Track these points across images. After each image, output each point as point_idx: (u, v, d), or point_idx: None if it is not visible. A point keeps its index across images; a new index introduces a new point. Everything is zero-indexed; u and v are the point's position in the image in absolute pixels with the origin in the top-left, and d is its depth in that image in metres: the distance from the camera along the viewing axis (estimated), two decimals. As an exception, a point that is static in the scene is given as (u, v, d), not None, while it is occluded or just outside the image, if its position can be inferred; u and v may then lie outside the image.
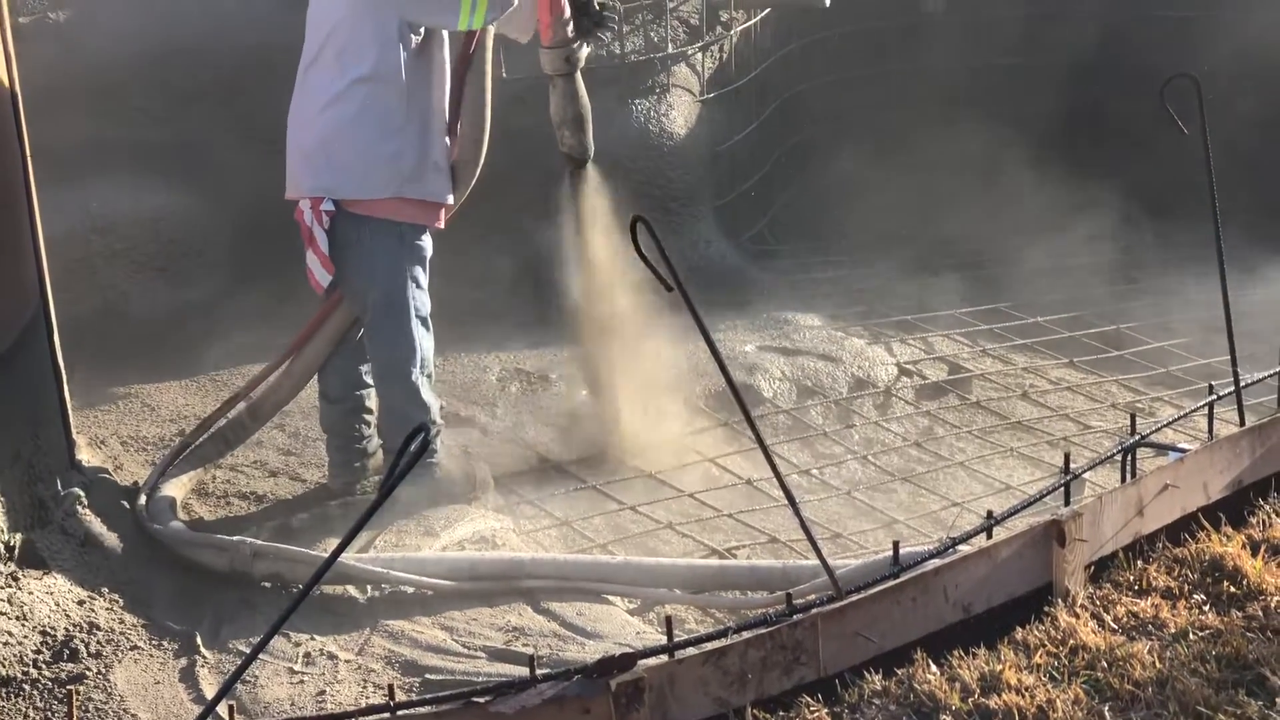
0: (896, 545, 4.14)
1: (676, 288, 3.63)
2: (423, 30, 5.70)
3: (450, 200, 5.91)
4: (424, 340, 5.93)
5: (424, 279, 5.92)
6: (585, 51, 6.27)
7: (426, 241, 5.92)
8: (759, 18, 9.12)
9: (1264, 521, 4.36)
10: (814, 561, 4.20)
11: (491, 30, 5.92)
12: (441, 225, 5.96)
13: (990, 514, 4.16)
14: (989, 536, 4.10)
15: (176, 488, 5.78)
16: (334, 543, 5.23)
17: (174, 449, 5.98)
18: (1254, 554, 4.21)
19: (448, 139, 5.89)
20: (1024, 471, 6.92)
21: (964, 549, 4.07)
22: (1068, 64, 10.30)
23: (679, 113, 8.41)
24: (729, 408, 6.90)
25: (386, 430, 6.02)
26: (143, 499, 5.62)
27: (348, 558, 5.20)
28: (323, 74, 5.69)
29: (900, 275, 8.96)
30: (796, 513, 3.90)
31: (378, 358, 5.97)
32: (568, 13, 6.15)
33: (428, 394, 5.97)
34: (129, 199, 7.17)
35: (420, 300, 5.90)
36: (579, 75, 6.30)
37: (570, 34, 6.17)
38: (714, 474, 6.72)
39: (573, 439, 6.76)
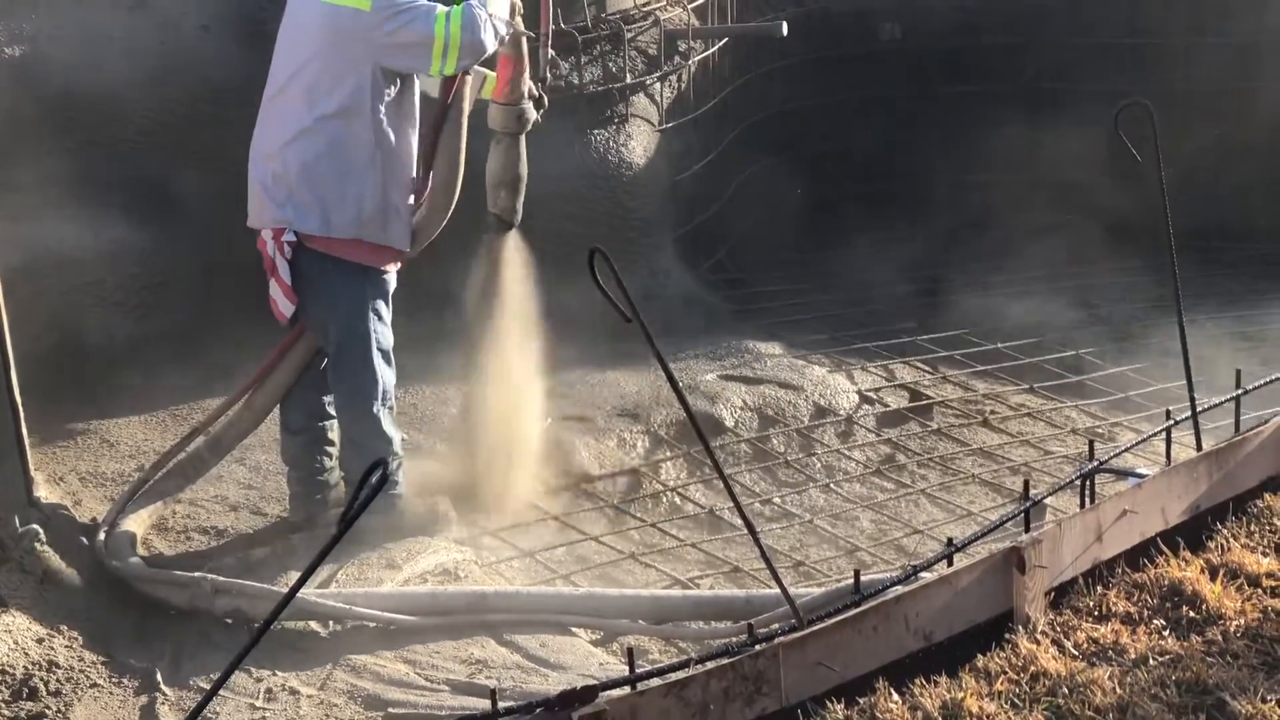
0: (858, 573, 4.14)
1: (635, 319, 3.63)
2: (398, 79, 5.69)
3: (408, 249, 5.90)
4: (386, 373, 5.92)
5: (386, 313, 5.91)
6: (533, 115, 6.27)
7: (390, 275, 5.92)
8: (717, 47, 9.15)
9: (1222, 546, 4.38)
10: (777, 590, 4.20)
11: (470, 81, 5.92)
12: (393, 271, 5.94)
13: (950, 541, 4.17)
14: (950, 564, 4.11)
15: (136, 523, 5.74)
16: (296, 577, 5.22)
17: (133, 484, 5.94)
18: (1212, 578, 4.23)
19: (415, 187, 5.87)
20: (986, 498, 6.95)
21: (925, 576, 4.08)
22: (1024, 90, 10.38)
23: (638, 142, 8.42)
24: (691, 437, 6.90)
25: (348, 462, 6.01)
26: (102, 535, 5.59)
27: (308, 592, 5.18)
28: (288, 107, 5.68)
29: (861, 302, 8.99)
30: (756, 541, 3.90)
31: (340, 389, 5.95)
32: (526, 76, 6.17)
33: (389, 426, 5.96)
34: (87, 233, 7.12)
35: (382, 333, 5.90)
36: (523, 140, 6.28)
37: (525, 93, 6.18)
38: (677, 503, 6.73)
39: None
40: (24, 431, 5.46)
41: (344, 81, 5.60)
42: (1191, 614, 4.14)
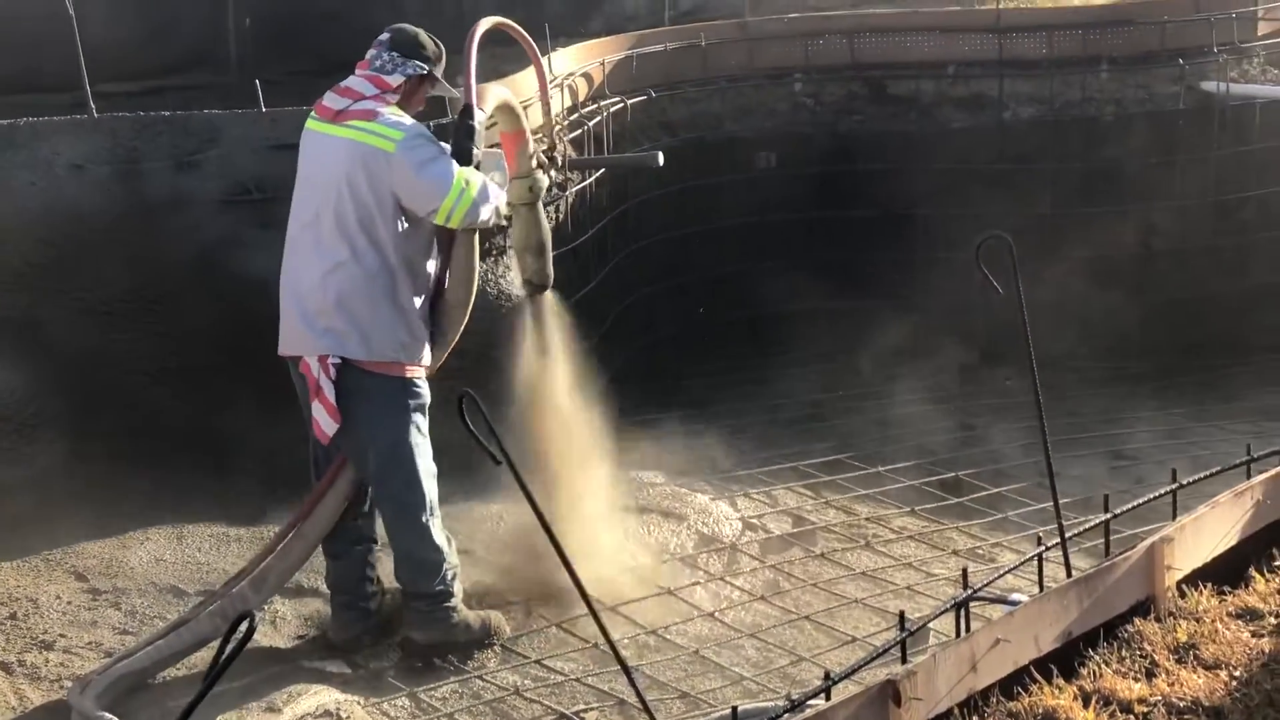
0: (735, 709, 4.13)
1: (505, 462, 3.64)
2: None
3: (429, 362, 6.10)
4: (430, 485, 6.07)
5: (425, 425, 6.06)
6: (545, 182, 6.61)
7: (425, 389, 6.08)
8: (594, 178, 9.24)
9: (1094, 672, 4.41)
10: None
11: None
12: (426, 383, 6.11)
13: (828, 675, 4.17)
14: (827, 697, 4.11)
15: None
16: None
17: (165, 627, 5.91)
18: (1085, 705, 4.26)
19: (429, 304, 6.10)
20: (869, 622, 6.96)
21: (814, 703, 4.06)
22: (899, 216, 10.57)
23: (517, 273, 8.44)
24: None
25: (404, 575, 6.13)
26: (101, 677, 5.59)
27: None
28: (322, 240, 5.87)
29: (741, 429, 9.04)
30: (629, 678, 3.90)
31: (387, 506, 6.10)
32: (530, 146, 6.48)
33: (439, 536, 6.10)
34: (-42, 376, 7.05)
35: (423, 447, 6.05)
36: (540, 206, 6.61)
37: (532, 165, 6.48)
38: (563, 637, 6.68)
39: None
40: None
41: (374, 214, 5.83)
42: (1066, 742, 4.16)
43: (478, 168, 6.00)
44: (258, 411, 7.15)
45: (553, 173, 6.82)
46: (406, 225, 5.91)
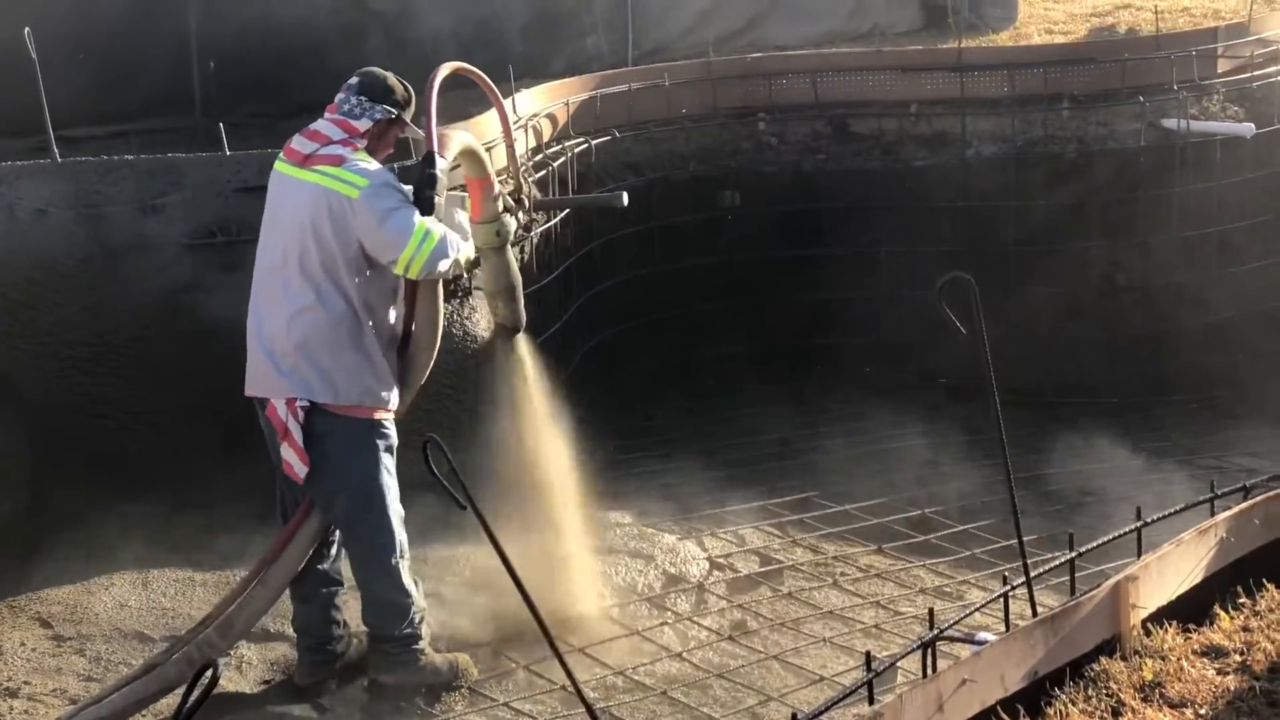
0: (704, 753, 4.13)
1: (470, 507, 3.63)
2: None
3: (396, 405, 6.09)
4: (398, 527, 6.06)
5: (393, 467, 6.05)
6: (513, 225, 6.58)
7: (393, 432, 6.08)
8: (559, 218, 9.25)
9: (1061, 712, 4.42)
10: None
11: None
12: (393, 425, 6.11)
13: (795, 715, 4.16)
14: (796, 739, 4.11)
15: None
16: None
17: (131, 673, 5.83)
18: (1052, 745, 4.28)
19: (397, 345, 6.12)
20: (837, 661, 6.96)
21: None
22: (863, 254, 10.61)
23: (482, 315, 8.45)
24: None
25: (372, 618, 6.13)
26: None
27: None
28: (288, 282, 5.87)
29: (708, 468, 9.04)
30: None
31: (356, 547, 6.08)
32: (496, 190, 6.47)
33: (407, 578, 6.09)
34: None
35: (391, 488, 6.04)
36: (509, 249, 6.60)
37: (498, 209, 6.47)
38: (531, 679, 6.66)
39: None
40: None
41: (338, 259, 5.83)
42: (1034, 781, 4.17)
43: (439, 217, 6.00)
44: (223, 455, 7.13)
45: (520, 215, 6.80)
46: (371, 270, 5.92)
